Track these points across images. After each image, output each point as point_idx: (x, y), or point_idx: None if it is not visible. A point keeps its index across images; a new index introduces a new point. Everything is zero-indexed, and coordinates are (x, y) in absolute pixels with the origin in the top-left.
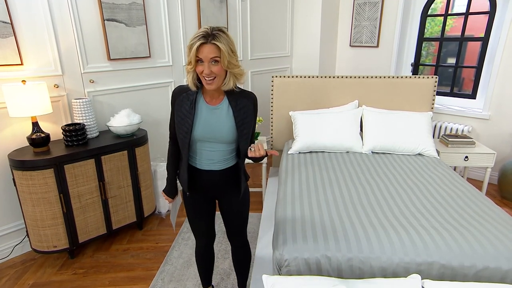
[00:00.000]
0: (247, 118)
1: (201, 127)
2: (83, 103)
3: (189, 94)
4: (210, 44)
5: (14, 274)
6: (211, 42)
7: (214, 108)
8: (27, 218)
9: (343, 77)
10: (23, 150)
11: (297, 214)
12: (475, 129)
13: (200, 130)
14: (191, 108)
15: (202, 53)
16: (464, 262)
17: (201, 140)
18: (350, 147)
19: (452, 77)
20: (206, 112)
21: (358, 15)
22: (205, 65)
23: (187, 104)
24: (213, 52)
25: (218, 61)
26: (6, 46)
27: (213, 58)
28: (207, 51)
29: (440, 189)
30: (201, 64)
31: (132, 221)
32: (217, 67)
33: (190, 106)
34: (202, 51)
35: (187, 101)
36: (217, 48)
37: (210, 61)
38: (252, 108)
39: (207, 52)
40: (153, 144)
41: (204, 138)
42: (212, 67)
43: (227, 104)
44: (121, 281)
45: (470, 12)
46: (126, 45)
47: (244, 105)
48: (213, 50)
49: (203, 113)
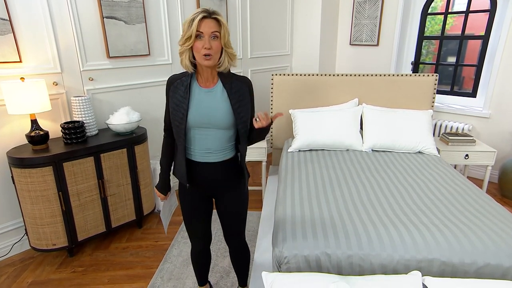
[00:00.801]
0: (244, 101)
1: (196, 111)
2: (82, 100)
3: (183, 80)
4: (211, 18)
5: (13, 272)
6: (213, 16)
7: (208, 91)
8: (26, 216)
9: (343, 75)
10: (21, 148)
11: (297, 211)
12: (476, 127)
13: (194, 114)
14: (186, 93)
15: (203, 27)
16: (465, 259)
17: (196, 126)
18: (350, 145)
19: (452, 76)
20: (200, 95)
21: (358, 14)
22: (205, 39)
23: (181, 89)
24: (214, 26)
25: (217, 37)
26: (4, 43)
27: (213, 33)
28: (208, 26)
29: (440, 186)
30: (200, 39)
31: (132, 219)
32: (216, 43)
33: (184, 91)
34: (203, 25)
35: (181, 87)
36: (217, 23)
37: (210, 36)
38: (248, 91)
39: (208, 27)
40: (152, 142)
41: (199, 123)
42: (212, 42)
43: (221, 87)
44: (120, 279)
45: (470, 10)
46: (126, 43)
47: (239, 88)
48: (214, 25)
49: (197, 96)
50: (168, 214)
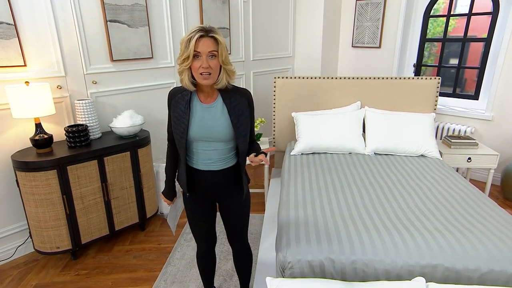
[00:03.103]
0: (243, 115)
1: (197, 126)
2: (86, 104)
3: (184, 94)
4: (208, 37)
5: (17, 275)
6: (210, 35)
7: (209, 106)
8: (30, 219)
9: (346, 78)
10: (26, 151)
11: (300, 216)
12: (478, 130)
13: (195, 130)
14: (186, 108)
15: (201, 47)
16: (469, 265)
17: (197, 139)
18: (352, 148)
19: (454, 78)
20: (200, 111)
21: (360, 16)
22: (203, 58)
23: (182, 104)
24: (212, 45)
25: (215, 55)
26: (9, 48)
27: (211, 52)
28: (206, 45)
29: (443, 190)
30: (198, 59)
31: (135, 222)
32: (215, 61)
33: (185, 106)
34: (201, 44)
35: (182, 102)
36: (215, 41)
37: (208, 55)
38: (247, 104)
39: (206, 46)
40: (156, 145)
41: (200, 137)
42: (210, 61)
43: (221, 102)
44: (123, 282)
45: (472, 12)
46: (129, 46)
47: (238, 102)
48: (211, 44)
49: (198, 112)
50: (175, 217)
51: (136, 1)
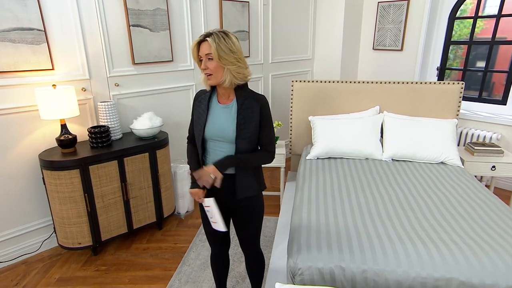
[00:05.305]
0: (251, 119)
1: (211, 125)
2: (108, 106)
3: (206, 95)
4: (204, 42)
5: (42, 267)
6: (204, 40)
7: (225, 107)
8: (55, 216)
9: (365, 82)
10: (52, 151)
11: (313, 222)
12: (505, 136)
13: (210, 128)
14: (205, 107)
15: (200, 51)
16: (486, 279)
17: (212, 138)
18: (369, 154)
19: (481, 82)
20: (217, 111)
21: (382, 18)
22: (203, 61)
23: (204, 104)
24: (207, 49)
25: (212, 58)
26: (40, 52)
27: (207, 55)
28: (204, 48)
29: (462, 200)
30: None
31: (152, 221)
32: (212, 63)
33: (205, 106)
34: (200, 49)
35: (204, 101)
36: (209, 45)
37: (206, 58)
38: (259, 111)
39: (204, 49)
40: (174, 146)
41: (214, 136)
42: (208, 63)
43: (235, 103)
44: (140, 280)
45: (502, 14)
46: (150, 50)
47: (250, 106)
48: (207, 47)
49: (215, 112)
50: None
51: (158, 6)
